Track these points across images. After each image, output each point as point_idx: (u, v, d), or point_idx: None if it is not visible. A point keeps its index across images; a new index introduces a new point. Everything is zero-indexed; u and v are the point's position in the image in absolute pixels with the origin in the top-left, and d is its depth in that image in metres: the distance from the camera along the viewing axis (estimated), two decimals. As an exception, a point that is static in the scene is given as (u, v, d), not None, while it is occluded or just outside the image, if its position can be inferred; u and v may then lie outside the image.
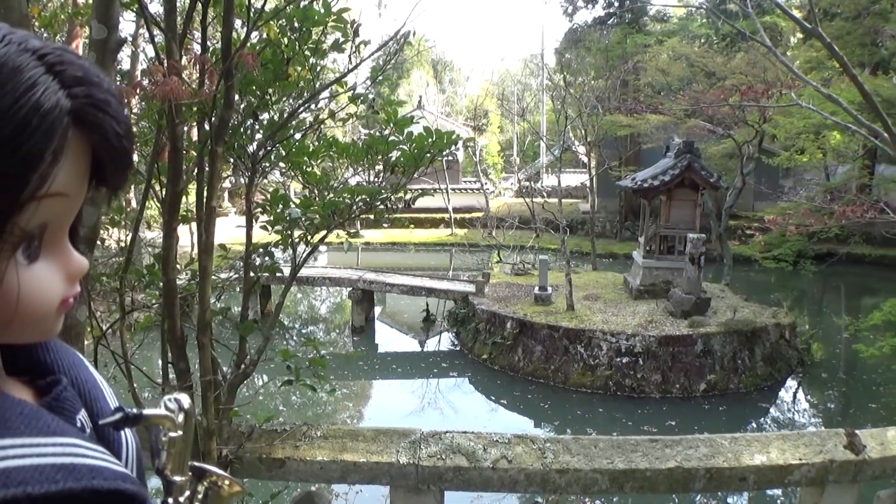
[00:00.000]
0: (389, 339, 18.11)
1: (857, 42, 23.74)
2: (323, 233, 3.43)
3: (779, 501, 9.03)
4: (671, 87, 27.07)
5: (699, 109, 19.97)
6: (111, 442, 0.87)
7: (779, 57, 4.70)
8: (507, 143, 55.65)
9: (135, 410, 0.83)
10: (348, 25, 3.09)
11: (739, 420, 12.21)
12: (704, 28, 34.88)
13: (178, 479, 0.97)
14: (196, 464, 1.03)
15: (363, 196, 3.20)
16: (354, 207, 3.27)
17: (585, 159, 23.89)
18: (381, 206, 3.33)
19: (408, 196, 3.57)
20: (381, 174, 3.42)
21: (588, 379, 13.05)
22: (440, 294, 17.20)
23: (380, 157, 3.28)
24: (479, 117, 44.10)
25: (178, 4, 2.99)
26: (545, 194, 26.36)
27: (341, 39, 3.16)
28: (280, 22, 3.12)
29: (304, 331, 18.90)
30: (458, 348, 16.04)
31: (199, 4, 2.93)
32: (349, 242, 3.66)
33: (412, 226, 33.51)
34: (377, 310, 19.50)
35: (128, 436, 0.93)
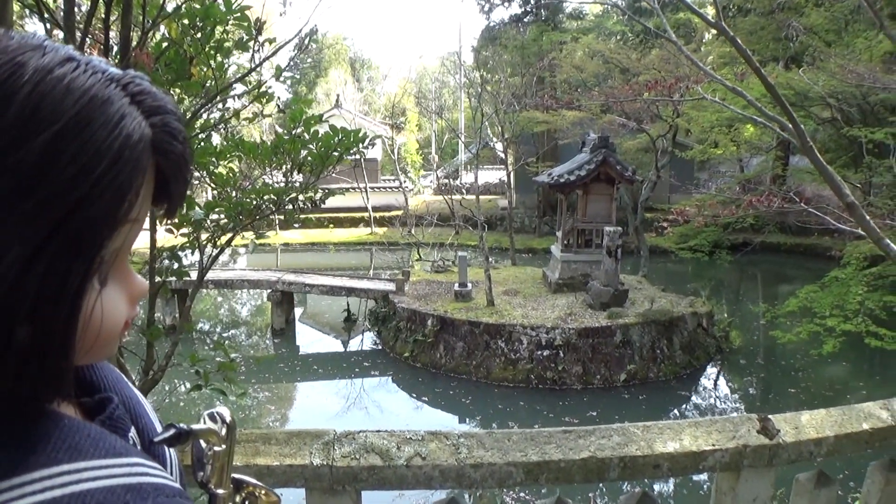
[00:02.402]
0: (311, 341, 17.97)
1: (770, 37, 24.42)
2: (230, 235, 3.38)
3: (706, 486, 9.23)
4: (587, 84, 27.47)
5: (614, 105, 20.29)
6: (158, 457, 0.88)
7: (684, 52, 4.80)
8: (425, 141, 55.70)
9: (185, 426, 0.87)
10: (251, 23, 3.04)
11: (660, 408, 12.46)
12: (620, 25, 35.46)
13: (220, 491, 1.00)
14: (235, 475, 1.05)
15: (270, 196, 3.16)
16: (264, 207, 3.23)
17: (503, 156, 24.08)
18: (290, 207, 3.30)
19: (318, 195, 3.55)
20: (289, 174, 3.39)
21: (510, 373, 13.17)
22: (360, 293, 17.14)
23: (288, 156, 3.24)
24: (397, 115, 44.02)
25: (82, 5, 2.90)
26: (464, 191, 26.49)
27: (245, 38, 3.12)
28: (182, 21, 3.06)
29: (225, 335, 18.61)
30: (380, 347, 16.00)
31: (102, 3, 2.84)
32: (254, 244, 3.60)
33: (331, 225, 33.29)
34: (298, 311, 19.34)
35: (170, 451, 0.94)
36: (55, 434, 0.68)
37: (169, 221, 3.28)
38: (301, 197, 3.28)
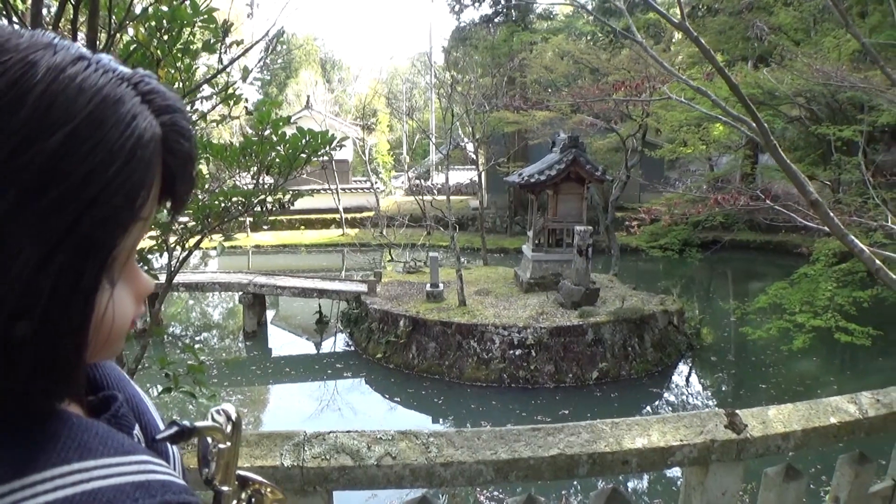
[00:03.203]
0: (283, 343, 17.87)
1: (739, 36, 24.62)
2: (198, 237, 3.36)
3: (679, 482, 9.30)
4: (557, 84, 27.58)
5: (584, 105, 20.38)
6: (161, 454, 0.88)
7: (650, 52, 4.84)
8: (396, 142, 55.66)
9: (188, 424, 0.86)
10: (219, 25, 3.03)
11: (632, 406, 12.52)
12: (590, 26, 35.54)
13: (225, 488, 0.99)
14: (240, 472, 1.05)
15: (239, 198, 3.15)
16: (232, 210, 3.22)
17: (474, 156, 24.12)
18: (259, 209, 3.29)
19: (286, 197, 3.54)
20: (258, 176, 3.38)
21: (482, 373, 13.19)
22: (332, 295, 17.09)
23: (256, 158, 3.23)
24: (368, 116, 43.92)
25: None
26: (435, 192, 26.50)
27: (212, 39, 3.11)
28: (150, 23, 3.04)
29: (197, 338, 18.48)
30: (352, 349, 15.96)
31: (70, 5, 2.82)
32: (222, 246, 3.59)
33: (303, 227, 33.26)
34: (270, 314, 19.25)
35: (173, 448, 0.94)
36: (65, 433, 0.68)
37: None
38: (269, 199, 3.28)
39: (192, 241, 3.41)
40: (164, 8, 2.96)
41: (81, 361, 0.70)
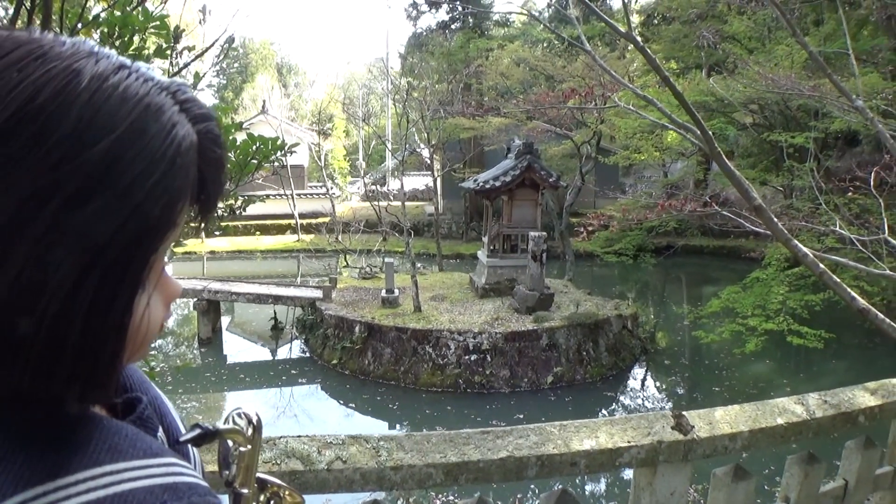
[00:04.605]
0: (239, 350, 17.70)
1: (693, 45, 24.96)
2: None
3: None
4: (512, 91, 27.70)
5: (539, 111, 20.52)
6: (184, 456, 0.87)
7: (597, 60, 4.91)
8: (352, 148, 55.48)
9: (211, 426, 0.86)
10: (170, 31, 3.02)
11: (587, 409, 12.58)
12: (546, 33, 35.77)
13: (245, 491, 0.99)
14: (259, 475, 1.05)
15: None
16: (183, 215, 3.19)
17: (430, 162, 24.14)
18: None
19: (238, 202, 3.53)
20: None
21: (438, 378, 13.21)
22: (287, 301, 16.99)
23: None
24: (324, 121, 43.73)
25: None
26: (391, 197, 26.49)
27: (164, 45, 3.10)
28: (101, 29, 3.02)
29: (151, 344, 18.21)
30: (308, 355, 15.87)
31: (24, 10, 2.80)
32: (171, 252, 3.56)
33: (258, 233, 32.99)
34: (225, 320, 19.08)
35: (194, 450, 0.95)
36: (96, 435, 0.69)
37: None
38: (220, 204, 3.26)
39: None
40: (117, 13, 2.94)
41: (119, 366, 0.71)
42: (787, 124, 19.68)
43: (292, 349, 17.13)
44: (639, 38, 4.05)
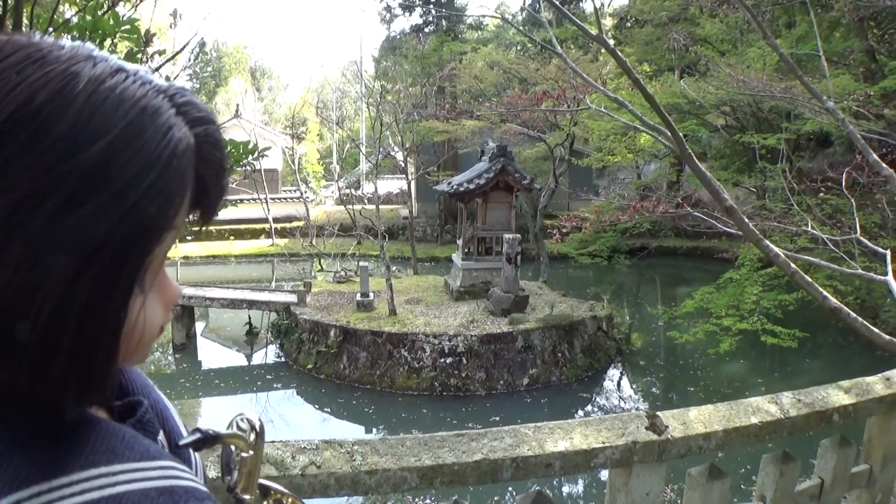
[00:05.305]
0: (214, 355, 17.56)
1: (666, 47, 25.09)
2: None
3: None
4: (486, 94, 27.78)
5: (513, 114, 20.58)
6: (184, 460, 0.88)
7: (568, 63, 4.93)
8: (326, 151, 55.35)
9: (212, 431, 0.85)
10: (140, 36, 3.01)
11: (563, 411, 12.59)
12: (519, 36, 35.90)
13: (247, 497, 0.99)
14: (262, 482, 1.05)
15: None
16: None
17: (404, 165, 24.16)
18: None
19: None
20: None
21: (414, 381, 13.19)
22: (262, 306, 16.89)
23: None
24: (297, 125, 43.61)
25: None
26: (366, 201, 26.44)
27: (134, 49, 3.08)
28: (72, 33, 3.00)
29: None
30: (283, 360, 15.78)
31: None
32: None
33: (232, 237, 32.83)
34: (199, 326, 18.94)
35: (195, 454, 0.95)
36: (93, 437, 0.69)
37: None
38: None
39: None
40: (88, 17, 2.92)
41: (114, 368, 0.71)
42: (760, 126, 19.85)
43: (267, 354, 17.04)
44: (611, 42, 4.09)
